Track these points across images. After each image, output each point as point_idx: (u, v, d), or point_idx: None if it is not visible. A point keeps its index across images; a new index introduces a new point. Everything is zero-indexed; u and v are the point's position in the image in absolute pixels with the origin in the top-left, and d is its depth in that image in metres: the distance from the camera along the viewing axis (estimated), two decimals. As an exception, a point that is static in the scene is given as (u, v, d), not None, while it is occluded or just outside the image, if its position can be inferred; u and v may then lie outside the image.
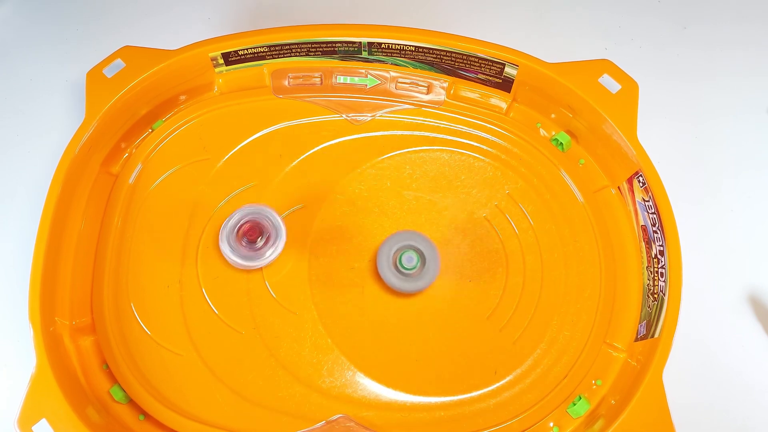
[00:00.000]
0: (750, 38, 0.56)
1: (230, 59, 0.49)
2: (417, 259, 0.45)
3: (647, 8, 0.58)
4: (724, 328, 0.48)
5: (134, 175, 0.48)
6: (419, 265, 0.45)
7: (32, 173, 0.52)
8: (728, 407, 0.46)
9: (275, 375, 0.44)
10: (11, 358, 0.48)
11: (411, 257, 0.45)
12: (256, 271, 0.46)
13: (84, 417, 0.40)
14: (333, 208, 0.48)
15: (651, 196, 0.44)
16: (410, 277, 0.45)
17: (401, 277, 0.45)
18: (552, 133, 0.50)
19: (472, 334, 0.45)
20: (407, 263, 0.44)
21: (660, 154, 0.47)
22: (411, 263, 0.45)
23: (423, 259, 0.45)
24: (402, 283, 0.44)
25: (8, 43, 0.57)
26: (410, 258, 0.45)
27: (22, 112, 0.55)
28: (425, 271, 0.45)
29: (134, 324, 0.45)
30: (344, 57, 0.50)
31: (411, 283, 0.44)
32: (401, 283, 0.44)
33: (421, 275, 0.45)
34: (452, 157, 0.49)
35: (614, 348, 0.45)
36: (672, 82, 0.55)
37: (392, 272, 0.45)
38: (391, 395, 0.44)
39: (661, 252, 0.44)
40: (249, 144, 0.49)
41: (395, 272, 0.45)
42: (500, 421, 0.43)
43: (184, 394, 0.44)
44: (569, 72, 0.46)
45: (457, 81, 0.50)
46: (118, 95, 0.46)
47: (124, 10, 0.58)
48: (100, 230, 0.47)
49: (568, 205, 0.47)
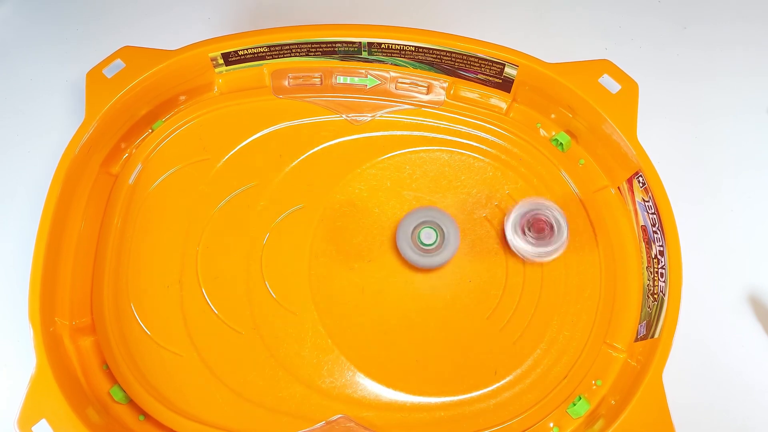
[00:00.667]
0: (750, 38, 0.56)
1: (230, 59, 0.49)
2: (436, 234, 0.45)
3: (647, 8, 0.58)
4: (724, 328, 0.48)
5: (134, 175, 0.48)
6: (438, 241, 0.45)
7: (32, 173, 0.53)
8: (728, 407, 0.46)
9: (275, 375, 0.44)
10: (11, 358, 0.48)
11: (430, 233, 0.45)
12: (256, 271, 0.46)
13: (84, 417, 0.40)
14: (333, 208, 0.48)
15: (651, 196, 0.44)
16: (429, 253, 0.45)
17: (420, 253, 0.45)
18: (552, 133, 0.50)
19: (472, 334, 0.45)
20: (426, 239, 0.45)
21: (660, 154, 0.47)
22: (430, 239, 0.45)
23: (443, 234, 0.45)
24: (421, 258, 0.45)
25: (8, 43, 0.57)
26: (429, 234, 0.45)
27: (22, 112, 0.55)
28: (445, 245, 0.45)
29: (134, 324, 0.45)
30: (344, 57, 0.50)
31: (430, 258, 0.45)
32: (420, 258, 0.45)
33: (441, 250, 0.45)
34: (452, 157, 0.49)
35: (614, 348, 0.45)
36: (672, 82, 0.55)
37: (411, 248, 0.45)
38: (391, 395, 0.44)
39: (661, 252, 0.44)
40: (249, 144, 0.49)
41: (414, 248, 0.45)
42: (500, 421, 0.43)
43: (184, 395, 0.44)
44: (569, 72, 0.46)
45: (457, 81, 0.50)
46: (118, 95, 0.46)
47: (124, 10, 0.58)
48: (100, 230, 0.47)
49: (568, 205, 0.47)
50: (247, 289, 0.46)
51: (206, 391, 0.44)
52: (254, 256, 0.47)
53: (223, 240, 0.47)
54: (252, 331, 0.45)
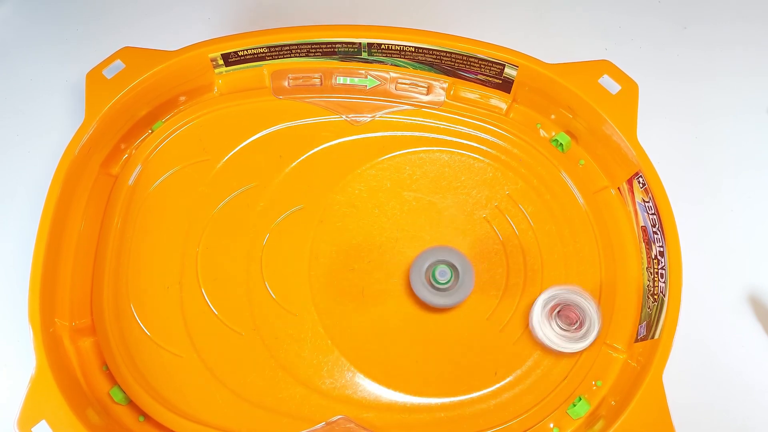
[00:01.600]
0: (750, 38, 0.56)
1: (230, 60, 0.49)
2: (450, 273, 0.44)
3: (647, 8, 0.58)
4: (724, 328, 0.48)
5: (134, 176, 0.48)
6: (453, 280, 0.44)
7: (32, 173, 0.52)
8: (728, 407, 0.46)
9: (275, 376, 0.44)
10: (11, 359, 0.48)
11: (444, 271, 0.44)
12: (256, 271, 0.46)
13: (84, 418, 0.40)
14: (333, 209, 0.48)
15: (651, 196, 0.44)
16: (444, 292, 0.44)
17: (434, 292, 0.44)
18: (552, 134, 0.50)
19: (472, 335, 0.45)
20: (440, 277, 0.44)
21: (660, 154, 0.47)
22: (445, 278, 0.44)
23: (456, 273, 0.44)
24: (435, 297, 0.44)
25: (8, 43, 0.57)
26: (444, 272, 0.44)
27: (22, 112, 0.55)
28: (459, 285, 0.44)
29: (134, 325, 0.45)
30: (344, 58, 0.50)
31: (444, 298, 0.44)
32: (434, 297, 0.44)
33: (456, 290, 0.44)
34: (452, 157, 0.49)
35: (614, 349, 0.45)
36: (672, 82, 0.55)
37: (425, 287, 0.44)
38: (391, 396, 0.44)
39: (661, 253, 0.44)
40: (249, 145, 0.49)
41: (428, 287, 0.44)
42: (501, 422, 0.43)
43: (184, 396, 0.44)
44: (569, 73, 0.46)
45: (457, 82, 0.50)
46: (117, 96, 0.46)
47: (124, 10, 0.58)
48: (99, 231, 0.47)
49: (568, 205, 0.47)
50: (247, 289, 0.46)
51: (206, 392, 0.44)
52: (254, 257, 0.47)
53: (223, 241, 0.47)
54: (252, 331, 0.45)
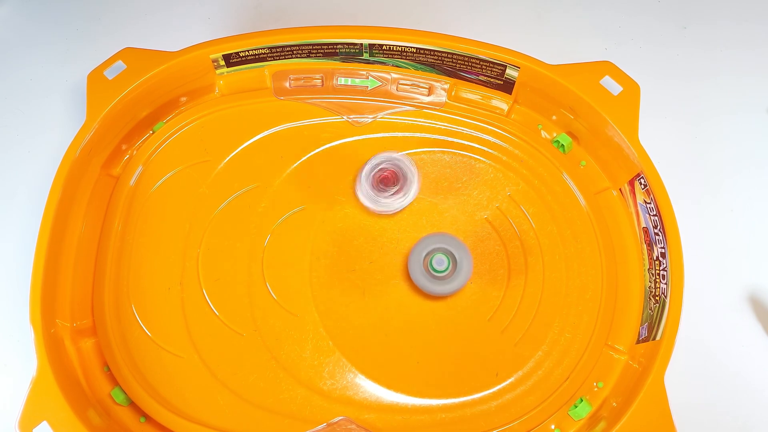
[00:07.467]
0: (750, 38, 0.56)
1: (231, 61, 0.49)
2: (448, 261, 0.45)
3: (647, 8, 0.58)
4: (724, 329, 0.48)
5: (135, 177, 0.48)
6: (450, 268, 0.45)
7: (32, 173, 0.52)
8: (729, 407, 0.47)
9: (276, 377, 0.44)
10: (12, 360, 0.48)
11: (442, 260, 0.45)
12: (257, 272, 0.46)
13: (85, 419, 0.40)
14: (334, 209, 0.48)
15: (652, 198, 0.44)
16: (441, 280, 0.45)
17: (432, 279, 0.45)
18: (553, 135, 0.50)
19: (473, 336, 0.45)
20: (438, 266, 0.44)
21: (660, 154, 0.46)
22: (442, 266, 0.44)
23: (454, 261, 0.45)
24: (433, 285, 0.44)
25: (8, 43, 0.57)
26: (441, 260, 0.45)
27: (22, 112, 0.55)
28: (457, 273, 0.44)
29: (135, 326, 0.45)
30: (345, 58, 0.50)
31: (442, 285, 0.44)
32: (432, 285, 0.44)
33: (453, 277, 0.44)
34: (453, 158, 0.49)
35: (616, 350, 0.45)
36: (672, 82, 0.55)
37: (423, 274, 0.45)
38: (392, 397, 0.44)
39: (662, 254, 0.44)
40: (250, 146, 0.49)
41: (426, 274, 0.45)
42: (502, 423, 0.43)
43: (185, 397, 0.44)
44: (570, 74, 0.46)
45: (458, 82, 0.50)
46: (119, 97, 0.46)
47: (124, 10, 0.58)
48: (100, 232, 0.47)
49: (569, 206, 0.47)
50: (248, 290, 0.46)
51: (207, 392, 0.44)
52: (255, 258, 0.47)
53: (224, 242, 0.47)
54: (253, 332, 0.45)
